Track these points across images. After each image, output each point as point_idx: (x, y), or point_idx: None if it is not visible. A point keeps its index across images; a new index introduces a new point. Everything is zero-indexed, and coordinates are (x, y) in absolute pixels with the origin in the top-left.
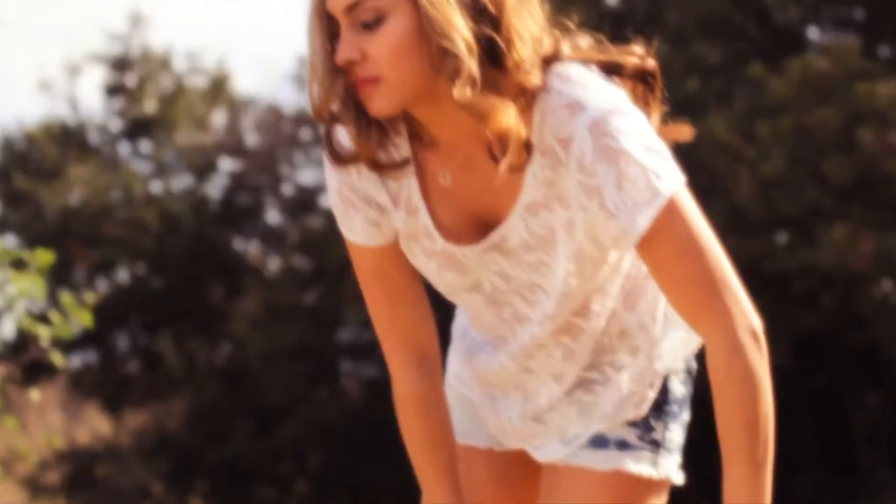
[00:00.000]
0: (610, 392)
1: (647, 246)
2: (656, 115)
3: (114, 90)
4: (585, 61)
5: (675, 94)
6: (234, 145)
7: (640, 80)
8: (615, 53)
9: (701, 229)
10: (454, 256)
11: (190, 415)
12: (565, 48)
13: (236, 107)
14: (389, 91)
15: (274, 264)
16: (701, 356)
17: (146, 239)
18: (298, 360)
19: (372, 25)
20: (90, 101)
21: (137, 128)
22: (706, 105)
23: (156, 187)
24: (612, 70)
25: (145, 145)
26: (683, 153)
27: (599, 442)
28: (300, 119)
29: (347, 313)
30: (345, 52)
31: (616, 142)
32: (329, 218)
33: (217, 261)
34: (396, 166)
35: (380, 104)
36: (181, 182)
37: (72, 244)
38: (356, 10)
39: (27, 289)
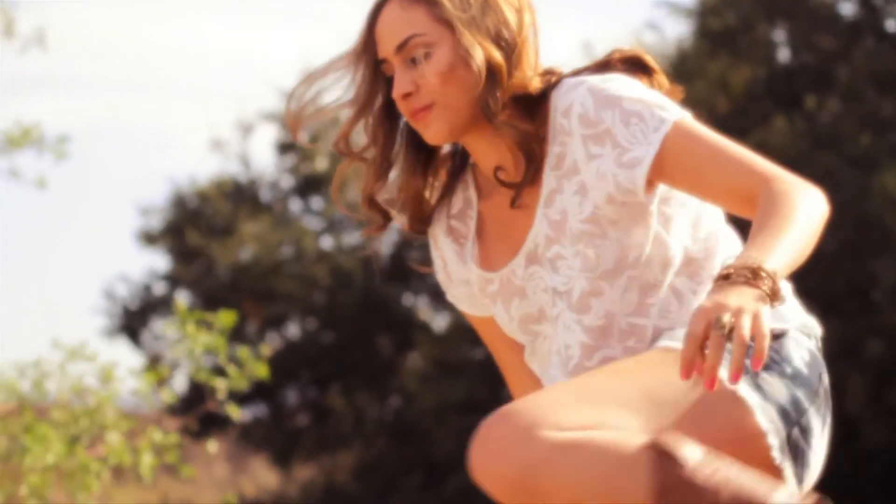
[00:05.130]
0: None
1: (667, 168)
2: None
3: (285, 147)
4: (575, 72)
5: (848, 149)
6: None
7: (634, 67)
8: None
9: (719, 138)
10: (509, 282)
11: (358, 469)
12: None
13: None
14: (442, 114)
15: (443, 319)
16: None
17: (317, 294)
18: (467, 414)
19: (421, 60)
20: (262, 158)
21: (308, 184)
22: (879, 160)
23: (326, 243)
24: (603, 68)
25: (316, 202)
26: (855, 208)
27: None
28: None
29: None
30: (400, 87)
31: (615, 90)
32: None
33: (386, 316)
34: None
35: (436, 128)
36: (351, 238)
37: (243, 300)
38: (405, 48)
39: (210, 343)
